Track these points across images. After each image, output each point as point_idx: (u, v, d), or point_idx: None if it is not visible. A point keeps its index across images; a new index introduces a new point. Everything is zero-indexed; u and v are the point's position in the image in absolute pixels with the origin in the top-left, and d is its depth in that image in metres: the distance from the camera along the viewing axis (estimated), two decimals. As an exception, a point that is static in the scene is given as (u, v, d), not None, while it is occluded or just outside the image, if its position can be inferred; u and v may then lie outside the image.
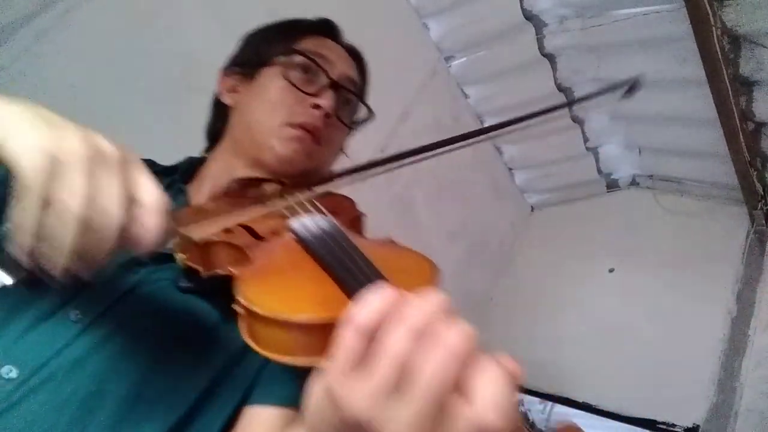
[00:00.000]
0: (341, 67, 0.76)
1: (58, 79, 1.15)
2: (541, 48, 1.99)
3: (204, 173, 0.76)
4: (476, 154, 2.34)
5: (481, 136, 0.57)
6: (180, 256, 0.55)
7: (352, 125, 0.81)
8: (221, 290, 0.53)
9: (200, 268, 0.54)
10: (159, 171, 0.75)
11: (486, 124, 2.36)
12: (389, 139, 1.84)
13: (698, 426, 1.73)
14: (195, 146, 0.84)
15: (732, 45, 1.54)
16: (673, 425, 1.77)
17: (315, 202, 0.58)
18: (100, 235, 0.37)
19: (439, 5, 1.98)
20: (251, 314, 0.39)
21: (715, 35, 1.47)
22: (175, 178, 0.74)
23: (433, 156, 0.57)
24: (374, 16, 1.75)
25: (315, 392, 0.34)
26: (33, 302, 0.52)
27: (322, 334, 0.36)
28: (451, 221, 2.24)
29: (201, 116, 0.85)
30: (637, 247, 2.23)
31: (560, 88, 2.10)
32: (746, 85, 1.65)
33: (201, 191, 0.73)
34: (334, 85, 0.73)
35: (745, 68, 1.59)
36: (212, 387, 0.55)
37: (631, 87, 0.55)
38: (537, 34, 1.97)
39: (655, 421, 1.82)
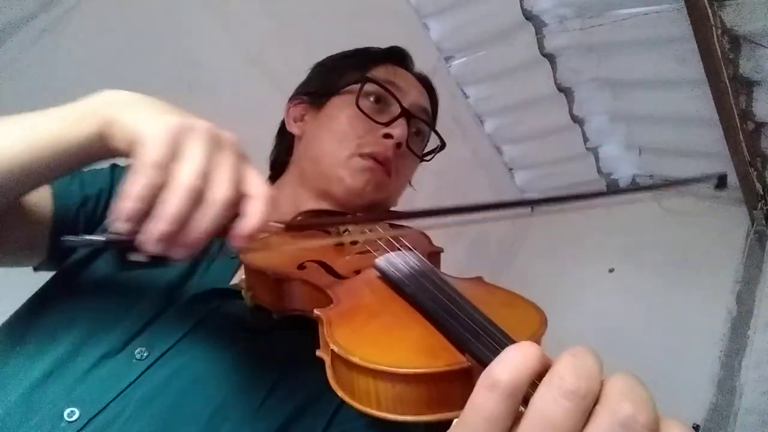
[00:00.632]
0: (413, 95, 0.75)
1: (58, 79, 1.14)
2: (541, 48, 1.99)
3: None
4: (476, 154, 2.34)
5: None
6: (248, 294, 0.52)
7: (423, 157, 0.79)
8: (292, 326, 0.50)
9: (271, 308, 0.50)
10: None
11: (486, 124, 2.36)
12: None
13: (698, 426, 1.73)
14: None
15: (732, 45, 1.54)
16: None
17: (397, 237, 0.54)
18: (205, 210, 0.36)
19: (439, 5, 1.97)
20: (346, 363, 0.35)
21: (715, 35, 1.47)
22: None
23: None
24: (374, 16, 1.74)
25: None
26: (99, 337, 0.51)
27: (430, 388, 0.32)
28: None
29: (201, 116, 0.85)
30: (636, 247, 2.23)
31: (560, 88, 2.10)
32: (746, 85, 1.64)
33: None
34: (407, 114, 0.71)
35: (745, 68, 1.59)
36: (282, 431, 0.52)
37: (720, 182, 0.52)
38: (537, 34, 1.96)
39: (655, 421, 1.81)
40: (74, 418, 0.46)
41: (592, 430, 0.25)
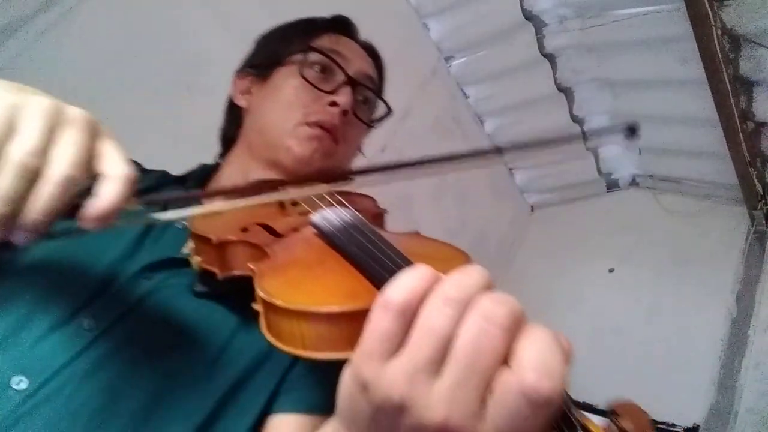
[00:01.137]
0: (358, 64, 0.75)
1: (58, 78, 1.15)
2: (541, 48, 1.99)
3: (219, 178, 0.75)
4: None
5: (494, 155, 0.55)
6: (195, 259, 0.54)
7: (370, 123, 0.80)
8: (239, 293, 0.51)
9: (216, 270, 0.52)
10: (171, 181, 0.74)
11: (486, 124, 2.37)
12: (389, 139, 1.84)
13: (698, 426, 1.73)
14: (195, 146, 0.84)
15: (732, 45, 1.55)
16: (673, 425, 1.77)
17: (335, 196, 0.55)
18: (41, 189, 0.34)
19: (439, 5, 1.98)
20: (272, 308, 0.37)
21: (715, 35, 1.47)
22: (189, 185, 0.73)
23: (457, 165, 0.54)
24: (374, 16, 1.74)
25: (346, 384, 0.32)
26: (46, 310, 0.51)
27: (350, 325, 0.34)
28: (451, 221, 2.24)
29: (201, 116, 0.85)
30: (637, 247, 2.23)
31: (560, 88, 2.10)
32: (746, 85, 1.65)
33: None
34: (352, 82, 0.72)
35: (745, 68, 1.59)
36: (231, 395, 0.53)
37: (631, 130, 0.53)
38: (537, 34, 1.97)
39: (655, 421, 1.82)
40: (22, 386, 0.47)
41: (462, 326, 0.28)
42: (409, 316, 0.29)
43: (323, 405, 0.54)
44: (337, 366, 0.35)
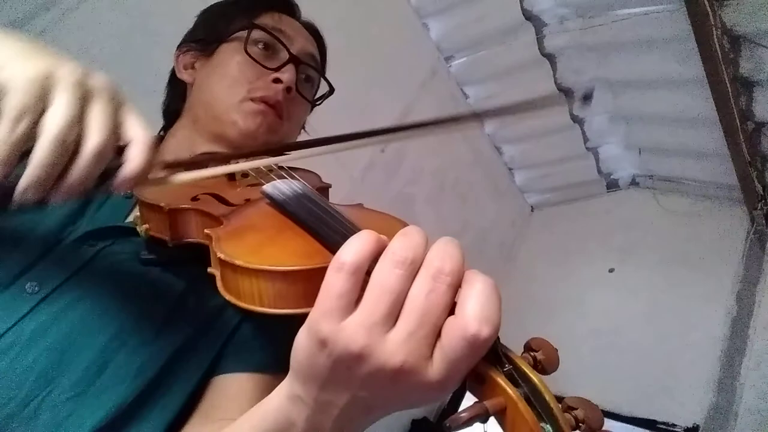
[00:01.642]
0: (301, 42, 0.76)
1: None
2: (541, 48, 1.99)
3: (164, 151, 0.75)
4: (476, 154, 2.34)
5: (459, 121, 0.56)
6: (142, 228, 0.55)
7: (313, 101, 0.81)
8: (186, 260, 0.53)
9: (166, 238, 0.53)
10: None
11: (486, 125, 2.37)
12: (389, 139, 1.84)
13: (698, 426, 1.73)
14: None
15: (732, 45, 1.55)
16: (673, 425, 1.77)
17: (283, 169, 0.58)
18: (79, 160, 0.36)
19: (439, 5, 1.98)
20: (232, 268, 0.39)
21: (715, 35, 1.47)
22: None
23: (404, 134, 0.56)
24: (374, 16, 1.75)
25: (302, 342, 0.34)
26: None
27: (305, 283, 0.37)
28: (451, 221, 2.24)
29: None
30: (637, 247, 2.23)
31: (560, 88, 2.10)
32: (746, 85, 1.65)
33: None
34: (295, 60, 0.73)
35: (745, 68, 1.59)
36: (177, 357, 0.54)
37: (585, 96, 0.55)
38: (537, 34, 1.97)
39: (655, 421, 1.82)
40: None
41: (413, 286, 0.32)
42: (360, 276, 0.32)
43: (270, 364, 0.56)
44: (284, 327, 0.38)
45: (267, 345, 0.58)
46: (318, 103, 0.83)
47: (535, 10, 1.91)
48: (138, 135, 0.39)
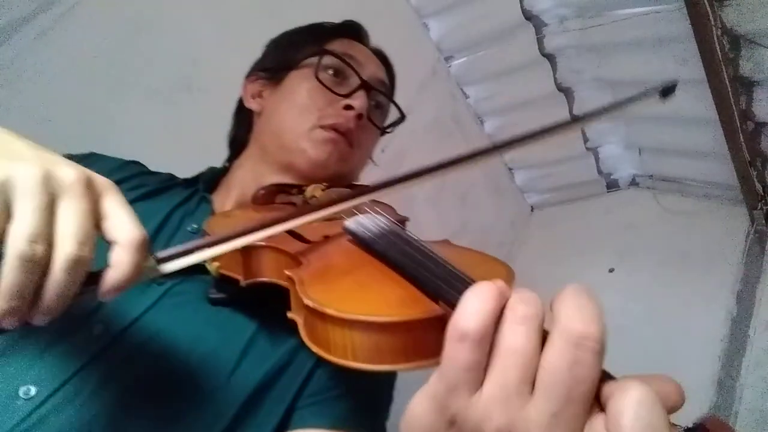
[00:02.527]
0: (371, 68, 0.75)
1: (58, 79, 1.15)
2: (541, 48, 1.99)
3: (230, 182, 0.73)
4: (476, 154, 2.34)
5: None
6: (212, 265, 0.52)
7: (383, 128, 0.79)
8: (258, 299, 0.50)
9: (239, 276, 0.50)
10: (180, 183, 0.74)
11: (486, 124, 2.37)
12: (389, 139, 1.84)
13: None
14: (194, 145, 0.84)
15: (732, 45, 1.54)
16: (673, 425, 1.77)
17: (368, 206, 0.53)
18: (51, 277, 0.32)
19: (439, 5, 1.97)
20: (321, 317, 0.34)
21: (715, 35, 1.47)
22: (198, 187, 0.72)
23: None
24: (374, 16, 1.74)
25: (424, 415, 0.29)
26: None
27: (405, 336, 0.32)
28: (452, 221, 2.24)
29: (201, 116, 0.85)
30: (637, 247, 2.23)
31: (560, 88, 2.10)
32: (746, 85, 1.64)
33: (228, 199, 0.71)
34: (366, 86, 0.71)
35: (745, 68, 1.59)
36: (249, 407, 0.51)
37: (666, 89, 0.53)
38: (537, 34, 1.96)
39: (655, 421, 1.81)
40: (30, 395, 0.45)
41: (549, 354, 0.27)
42: (487, 342, 0.28)
43: (349, 418, 0.53)
44: (365, 377, 0.35)
45: (345, 395, 0.54)
46: (389, 130, 0.81)
47: (535, 10, 1.91)
48: (121, 234, 0.34)
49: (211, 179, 0.75)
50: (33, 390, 0.45)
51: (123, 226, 0.35)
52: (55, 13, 1.14)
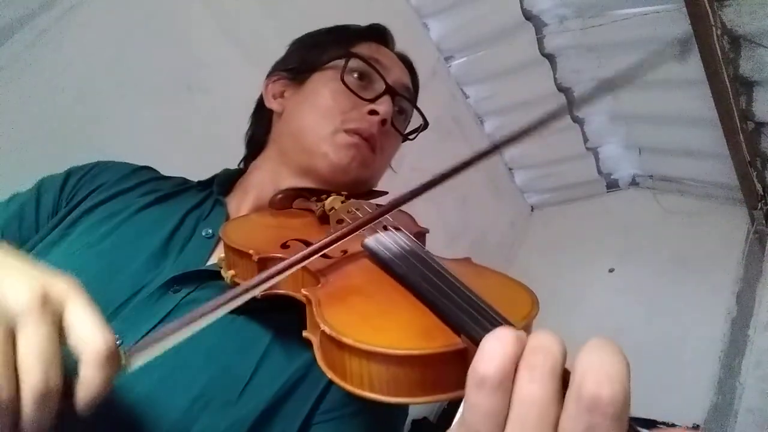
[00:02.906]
0: (396, 73, 0.73)
1: (58, 79, 1.15)
2: (541, 48, 1.99)
3: (246, 184, 0.72)
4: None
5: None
6: (228, 273, 0.51)
7: (405, 135, 0.78)
8: (273, 308, 0.49)
9: None
10: (193, 186, 0.73)
11: (486, 124, 2.37)
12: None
13: (698, 426, 1.72)
14: (195, 145, 0.84)
15: (732, 45, 1.54)
16: (673, 425, 1.77)
17: (389, 221, 0.51)
18: (24, 408, 0.30)
19: (439, 5, 1.97)
20: (337, 345, 0.34)
21: (715, 35, 1.47)
22: (212, 190, 0.71)
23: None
24: (374, 16, 1.74)
25: None
26: None
27: (425, 369, 0.32)
28: (452, 221, 2.24)
29: (201, 116, 0.85)
30: (637, 247, 2.23)
31: (560, 88, 2.10)
32: (746, 85, 1.64)
33: (244, 202, 0.70)
34: (391, 91, 0.70)
35: (745, 68, 1.59)
36: (262, 421, 0.50)
37: (683, 48, 0.50)
38: (537, 34, 1.96)
39: (655, 421, 1.81)
40: None
41: (564, 416, 0.26)
42: (506, 389, 0.28)
43: None
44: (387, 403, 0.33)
45: (361, 413, 0.53)
46: (411, 137, 0.79)
47: (535, 10, 1.91)
48: (86, 348, 0.32)
49: (226, 181, 0.74)
50: None
51: (86, 339, 0.32)
52: (55, 13, 1.14)
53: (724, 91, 1.60)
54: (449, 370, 0.31)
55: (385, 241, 0.46)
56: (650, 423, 1.86)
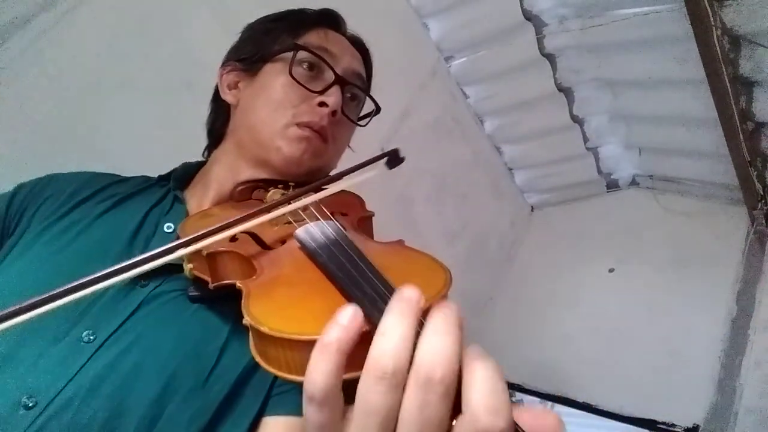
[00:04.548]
0: (346, 60, 0.74)
1: (58, 79, 1.15)
2: (541, 48, 1.99)
3: (207, 178, 0.73)
4: (476, 154, 2.34)
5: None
6: (188, 266, 0.54)
7: (358, 121, 0.79)
8: (232, 296, 0.51)
9: (208, 279, 0.52)
10: (155, 183, 0.74)
11: (486, 124, 2.37)
12: (389, 139, 1.84)
13: (698, 426, 1.73)
14: (194, 146, 0.84)
15: (732, 45, 1.54)
16: (673, 425, 1.77)
17: (321, 206, 0.55)
18: None
19: (439, 5, 1.98)
20: (258, 333, 0.38)
21: (715, 35, 1.47)
22: (170, 186, 0.73)
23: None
24: (374, 16, 1.75)
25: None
26: (42, 324, 0.50)
27: None
28: (451, 221, 2.24)
29: (201, 116, 0.85)
30: (637, 247, 2.23)
31: (560, 88, 2.10)
32: (746, 85, 1.65)
33: (205, 196, 0.71)
34: (340, 81, 0.71)
35: (745, 68, 1.59)
36: (230, 399, 0.53)
37: (391, 159, 0.56)
38: (537, 34, 1.97)
39: (655, 421, 1.81)
40: (31, 405, 0.47)
41: (405, 398, 0.29)
42: (337, 403, 0.30)
43: None
44: None
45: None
46: (363, 123, 0.80)
47: (535, 10, 1.91)
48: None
49: (184, 175, 0.75)
50: (33, 400, 0.47)
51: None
52: (55, 12, 1.14)
53: (724, 91, 1.60)
54: (356, 351, 0.34)
55: (313, 231, 0.49)
56: (650, 423, 1.87)
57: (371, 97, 0.80)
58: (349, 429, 0.30)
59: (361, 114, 0.82)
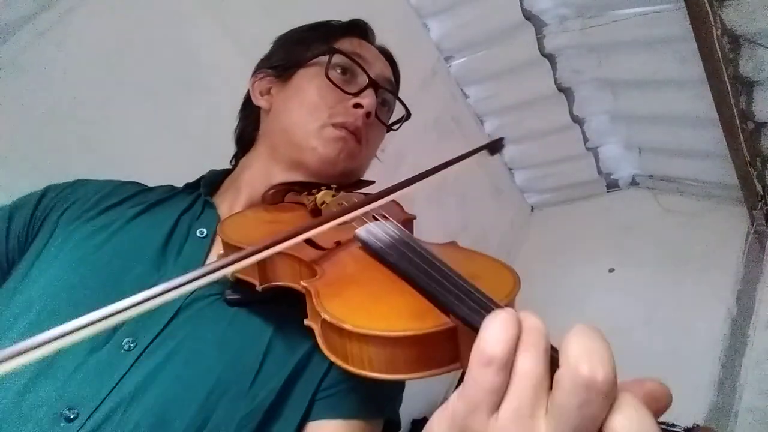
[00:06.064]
0: (379, 66, 0.76)
1: (58, 79, 1.15)
2: (541, 48, 1.99)
3: (238, 181, 0.74)
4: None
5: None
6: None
7: (389, 125, 0.81)
8: (274, 298, 0.51)
9: (255, 282, 0.51)
10: (181, 190, 0.75)
11: (486, 124, 2.37)
12: (389, 139, 1.84)
13: (698, 426, 1.73)
14: (195, 145, 0.84)
15: (732, 45, 1.54)
16: (673, 425, 1.77)
17: (377, 211, 0.54)
18: None
19: (439, 5, 1.98)
20: (338, 331, 0.37)
21: (715, 35, 1.47)
22: (199, 192, 0.73)
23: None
24: (374, 16, 1.75)
25: (443, 431, 0.31)
26: None
27: (417, 348, 0.35)
28: (452, 221, 2.24)
29: (201, 116, 0.85)
30: (637, 247, 2.23)
31: (560, 88, 2.10)
32: (746, 85, 1.64)
33: (237, 200, 0.71)
34: (374, 84, 0.72)
35: (745, 68, 1.59)
36: (276, 405, 0.53)
37: (494, 146, 0.56)
38: (537, 34, 1.97)
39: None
40: (72, 417, 0.46)
41: (558, 393, 0.28)
42: (509, 367, 0.30)
43: (361, 410, 0.55)
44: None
45: (357, 389, 0.56)
46: (395, 128, 0.83)
47: (535, 10, 1.91)
48: None
49: (213, 181, 0.76)
50: (75, 412, 0.47)
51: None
52: (56, 12, 1.14)
53: (724, 91, 1.60)
54: (441, 348, 0.34)
55: (376, 231, 0.49)
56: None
57: (402, 102, 0.82)
58: (508, 397, 0.29)
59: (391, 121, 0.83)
